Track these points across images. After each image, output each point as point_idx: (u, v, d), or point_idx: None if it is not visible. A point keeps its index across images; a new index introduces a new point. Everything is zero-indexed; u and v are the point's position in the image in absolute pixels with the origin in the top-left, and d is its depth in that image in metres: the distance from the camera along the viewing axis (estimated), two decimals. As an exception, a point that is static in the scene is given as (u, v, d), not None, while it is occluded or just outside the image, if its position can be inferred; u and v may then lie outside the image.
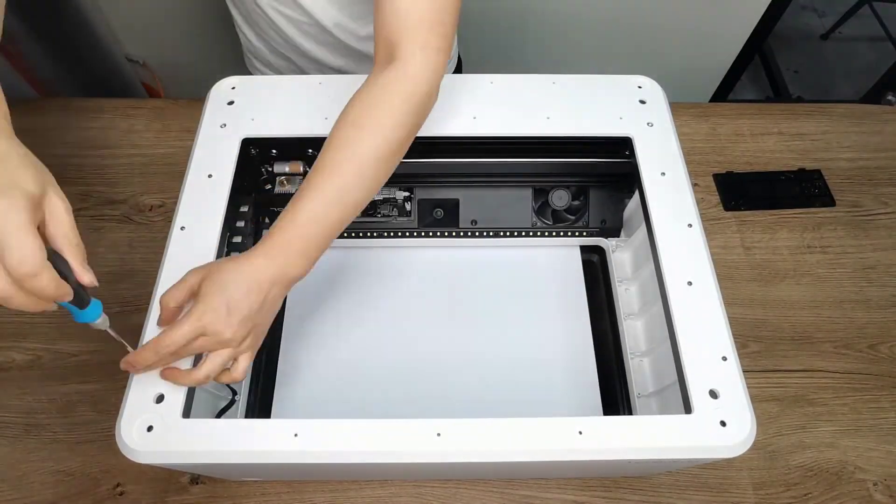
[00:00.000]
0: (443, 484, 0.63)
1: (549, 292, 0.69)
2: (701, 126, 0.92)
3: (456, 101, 0.63)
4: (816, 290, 0.77)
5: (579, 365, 0.64)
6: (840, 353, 0.72)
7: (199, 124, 0.61)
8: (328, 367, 0.63)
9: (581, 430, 0.45)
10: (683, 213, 0.56)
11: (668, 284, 0.52)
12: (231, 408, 0.58)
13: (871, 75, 1.62)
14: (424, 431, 0.44)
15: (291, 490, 0.62)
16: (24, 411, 0.66)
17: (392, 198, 0.68)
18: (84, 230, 0.79)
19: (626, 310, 0.66)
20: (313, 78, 0.64)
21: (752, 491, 0.63)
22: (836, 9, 2.16)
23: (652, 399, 0.60)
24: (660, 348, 0.58)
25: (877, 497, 0.63)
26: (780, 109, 0.94)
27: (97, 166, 0.85)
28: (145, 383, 0.46)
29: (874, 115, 0.94)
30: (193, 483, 0.62)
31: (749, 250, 0.80)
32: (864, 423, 0.67)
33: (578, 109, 0.63)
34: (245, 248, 0.60)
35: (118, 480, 0.62)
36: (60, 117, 0.91)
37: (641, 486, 0.63)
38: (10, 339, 0.71)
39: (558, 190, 0.68)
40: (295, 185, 0.60)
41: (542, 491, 0.63)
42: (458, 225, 0.68)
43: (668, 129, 0.61)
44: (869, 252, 0.80)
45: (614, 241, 0.70)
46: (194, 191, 0.56)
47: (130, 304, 0.73)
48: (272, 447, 0.44)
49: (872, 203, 0.84)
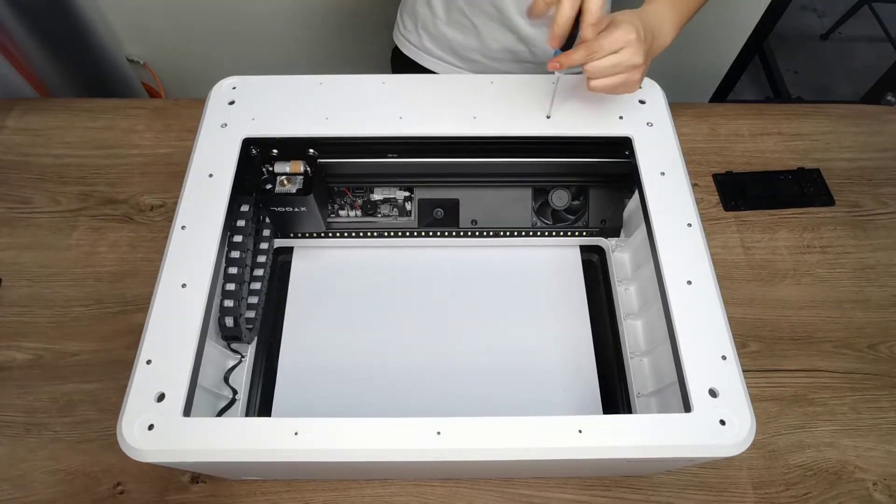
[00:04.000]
0: (443, 483, 0.63)
1: (549, 292, 0.69)
2: (701, 126, 0.92)
3: (456, 101, 0.63)
4: (816, 290, 0.77)
5: (579, 364, 0.64)
6: (840, 353, 0.72)
7: (200, 124, 0.61)
8: (328, 366, 0.64)
9: (581, 429, 0.45)
10: (683, 213, 0.56)
11: (667, 284, 0.52)
12: (231, 407, 0.59)
13: (871, 75, 1.62)
14: (424, 430, 0.44)
15: (291, 490, 0.62)
16: (24, 410, 0.66)
17: (392, 198, 0.68)
18: (85, 230, 0.80)
19: (625, 309, 0.66)
20: (313, 78, 0.65)
21: (751, 490, 0.63)
22: (835, 9, 2.16)
23: (652, 398, 0.60)
24: (659, 348, 0.59)
25: (876, 497, 0.63)
26: (780, 110, 0.94)
27: (98, 166, 0.86)
28: (146, 383, 0.47)
29: (874, 116, 0.94)
30: (194, 482, 0.62)
31: (749, 250, 0.80)
32: (863, 423, 0.68)
33: (578, 109, 0.63)
34: (245, 247, 0.60)
35: (119, 479, 0.62)
36: (61, 117, 0.91)
37: (641, 486, 0.63)
38: (11, 338, 0.71)
39: (558, 190, 0.68)
40: (295, 185, 0.60)
41: (542, 490, 0.63)
42: (458, 225, 0.68)
43: (668, 130, 0.61)
44: (868, 252, 0.80)
45: (614, 241, 0.70)
46: (195, 190, 0.57)
47: (131, 304, 0.73)
48: (272, 446, 0.44)
49: (872, 203, 0.85)
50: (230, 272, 0.58)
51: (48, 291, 0.74)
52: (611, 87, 0.56)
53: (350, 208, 0.69)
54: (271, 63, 1.45)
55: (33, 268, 0.76)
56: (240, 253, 0.59)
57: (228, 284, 0.58)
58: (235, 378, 0.60)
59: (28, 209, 0.81)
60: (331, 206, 0.68)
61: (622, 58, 0.54)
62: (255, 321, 0.62)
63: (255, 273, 0.63)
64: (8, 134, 0.89)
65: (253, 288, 0.62)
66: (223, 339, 0.60)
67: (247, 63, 1.44)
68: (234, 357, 0.61)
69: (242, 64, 1.44)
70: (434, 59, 0.89)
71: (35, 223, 0.80)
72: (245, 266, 0.60)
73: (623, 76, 0.55)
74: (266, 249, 0.65)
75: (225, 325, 0.58)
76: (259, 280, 0.63)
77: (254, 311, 0.62)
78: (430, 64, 0.90)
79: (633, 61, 0.55)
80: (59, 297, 0.74)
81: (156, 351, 0.48)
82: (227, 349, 0.61)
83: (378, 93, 0.64)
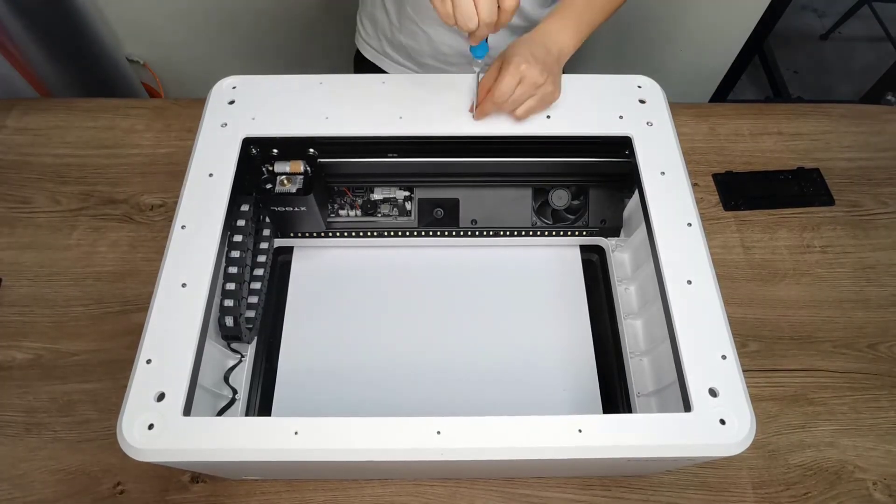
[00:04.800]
0: (443, 483, 0.63)
1: (549, 292, 0.69)
2: (700, 126, 0.92)
3: (456, 101, 0.63)
4: (816, 290, 0.77)
5: (579, 364, 0.64)
6: (839, 353, 0.72)
7: (200, 124, 0.61)
8: (328, 366, 0.64)
9: (581, 429, 0.45)
10: (683, 213, 0.56)
11: (667, 284, 0.52)
12: (231, 407, 0.59)
13: (871, 75, 1.62)
14: (424, 429, 0.44)
15: (291, 489, 0.62)
16: (24, 410, 0.66)
17: (392, 198, 0.68)
18: (85, 230, 0.80)
19: (625, 309, 0.66)
20: (314, 77, 0.65)
21: (751, 490, 0.63)
22: (835, 9, 2.16)
23: (651, 398, 0.60)
24: (659, 347, 0.59)
25: (876, 496, 0.63)
26: (780, 109, 0.94)
27: (98, 166, 0.86)
28: (146, 382, 0.47)
29: (874, 115, 0.94)
30: (194, 482, 0.62)
31: (749, 250, 0.80)
32: (863, 423, 0.68)
33: (578, 109, 0.63)
34: (245, 247, 0.60)
35: (119, 479, 0.62)
36: (61, 117, 0.91)
37: (641, 486, 0.63)
38: (11, 338, 0.71)
39: (558, 190, 0.68)
40: (295, 185, 0.61)
41: (542, 490, 0.63)
42: (458, 225, 0.68)
43: (668, 129, 0.61)
44: (868, 252, 0.80)
45: (614, 241, 0.70)
46: (195, 190, 0.57)
47: (131, 304, 0.73)
48: (273, 445, 0.44)
49: (872, 203, 0.85)
50: (230, 272, 0.58)
51: (48, 291, 0.74)
52: (533, 109, 0.61)
53: (350, 208, 0.69)
54: (271, 63, 1.45)
55: (33, 268, 0.76)
56: (240, 252, 0.59)
57: (228, 284, 0.58)
58: (235, 378, 0.60)
59: (28, 209, 0.81)
60: (331, 206, 0.68)
61: (524, 88, 0.58)
62: (255, 321, 0.62)
63: (255, 273, 0.63)
64: (8, 134, 0.89)
65: (253, 288, 0.63)
66: (223, 338, 0.60)
67: (247, 63, 1.44)
68: (234, 357, 0.61)
69: (242, 64, 1.45)
70: (394, 63, 0.89)
71: (35, 223, 0.80)
72: (245, 266, 0.60)
73: (535, 97, 0.60)
74: (266, 249, 0.65)
75: (225, 324, 0.58)
76: (259, 280, 0.63)
77: (254, 311, 0.62)
78: (390, 68, 0.89)
79: (535, 82, 0.59)
80: (59, 297, 0.74)
81: (156, 351, 0.48)
82: (227, 349, 0.61)
83: (378, 93, 0.64)
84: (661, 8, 1.26)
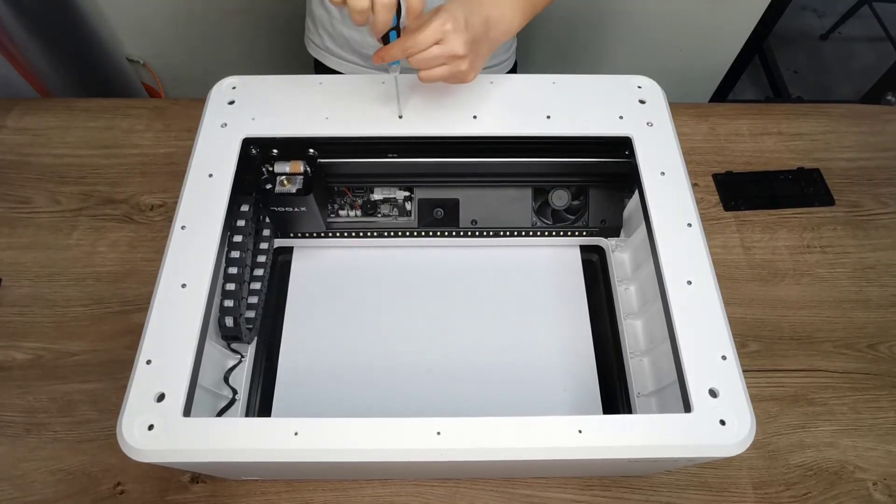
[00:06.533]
0: (443, 483, 0.63)
1: (549, 292, 0.69)
2: (700, 126, 0.92)
3: (456, 101, 0.63)
4: (816, 290, 0.77)
5: (579, 364, 0.64)
6: (840, 353, 0.72)
7: (200, 124, 0.61)
8: (328, 366, 0.64)
9: (581, 429, 0.45)
10: (683, 213, 0.56)
11: (667, 284, 0.52)
12: (231, 407, 0.59)
13: (871, 75, 1.62)
14: (424, 430, 0.44)
15: (291, 489, 0.62)
16: (24, 410, 0.66)
17: (392, 198, 0.68)
18: (85, 230, 0.80)
19: (625, 309, 0.66)
20: (313, 78, 0.65)
21: (751, 490, 0.64)
22: (835, 9, 2.16)
23: (651, 398, 0.60)
24: (659, 347, 0.59)
25: (876, 496, 0.63)
26: (780, 109, 0.94)
27: (98, 166, 0.86)
28: (146, 383, 0.47)
29: (874, 115, 0.94)
30: (194, 482, 0.62)
31: (749, 250, 0.80)
32: (863, 423, 0.68)
33: (578, 109, 0.63)
34: (245, 247, 0.60)
35: (119, 479, 0.62)
36: (61, 117, 0.91)
37: (641, 486, 0.63)
38: (11, 338, 0.71)
39: (558, 190, 0.68)
40: (295, 185, 0.61)
41: (543, 490, 0.63)
42: (458, 225, 0.68)
43: (668, 129, 0.61)
44: (868, 252, 0.80)
45: (614, 241, 0.70)
46: (195, 190, 0.56)
47: (131, 304, 0.73)
48: (273, 445, 0.44)
49: (872, 203, 0.85)
50: (230, 272, 0.58)
51: (48, 291, 0.74)
52: (439, 77, 0.56)
53: (350, 208, 0.69)
54: (271, 63, 1.45)
55: (33, 268, 0.76)
56: (240, 253, 0.59)
57: (228, 284, 0.58)
58: (235, 378, 0.60)
59: (28, 209, 0.81)
60: (331, 206, 0.68)
61: (441, 49, 0.53)
62: (255, 321, 0.62)
63: (255, 273, 0.63)
64: (8, 134, 0.89)
65: (253, 288, 0.63)
66: (223, 339, 0.60)
67: (247, 63, 1.44)
68: (234, 357, 0.61)
69: (242, 64, 1.45)
70: (336, 58, 0.87)
71: (35, 223, 0.80)
72: (245, 266, 0.60)
73: (447, 67, 0.55)
74: (266, 249, 0.65)
75: (225, 324, 0.58)
76: (259, 280, 0.63)
77: (254, 311, 0.62)
78: (334, 64, 0.88)
79: (452, 51, 0.54)
80: (59, 297, 0.74)
81: (156, 351, 0.48)
82: (227, 349, 0.61)
83: (378, 93, 0.64)
84: (661, 8, 1.26)
